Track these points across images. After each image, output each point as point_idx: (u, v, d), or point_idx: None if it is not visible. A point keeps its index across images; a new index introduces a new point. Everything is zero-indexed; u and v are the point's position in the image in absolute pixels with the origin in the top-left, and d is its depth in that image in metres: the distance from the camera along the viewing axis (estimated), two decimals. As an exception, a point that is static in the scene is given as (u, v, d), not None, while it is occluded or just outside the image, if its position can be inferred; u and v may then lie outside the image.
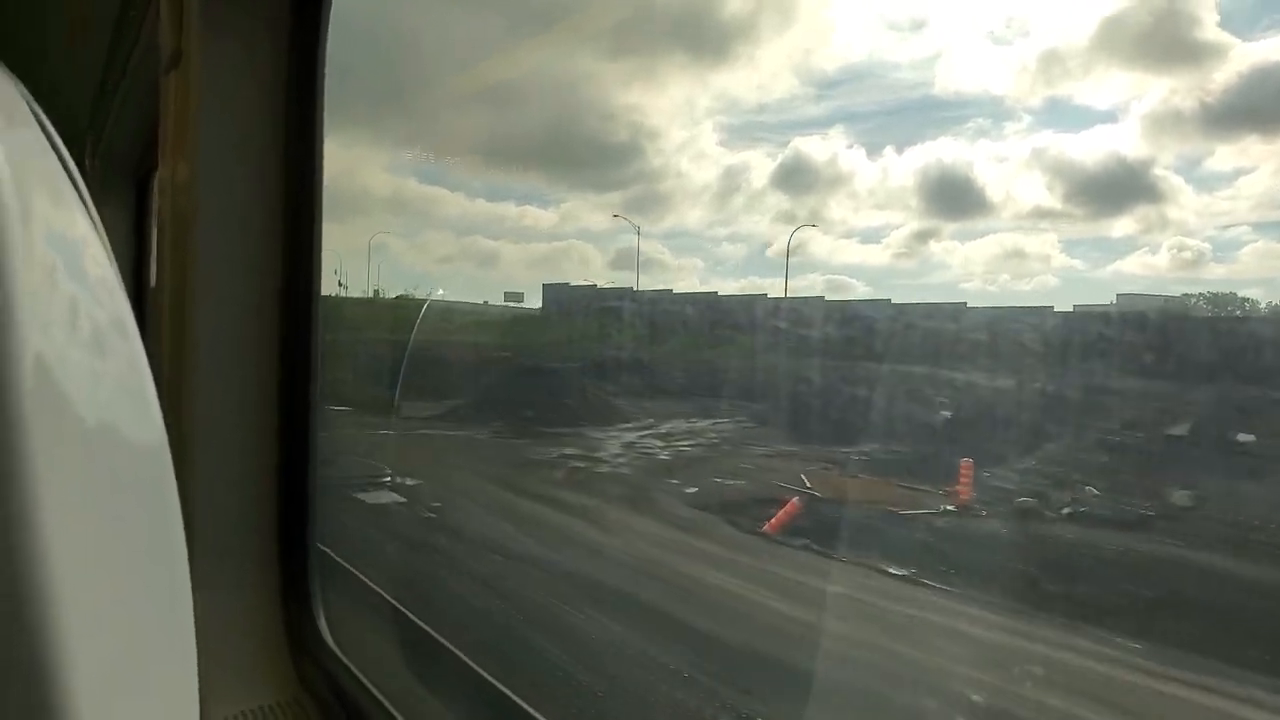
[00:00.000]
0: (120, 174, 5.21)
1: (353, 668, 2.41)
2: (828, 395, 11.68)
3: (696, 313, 15.87)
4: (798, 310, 13.67)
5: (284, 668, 2.50)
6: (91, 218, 0.64)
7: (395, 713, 2.28)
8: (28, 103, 0.62)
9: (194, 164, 2.43)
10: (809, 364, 12.62)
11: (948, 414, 9.68)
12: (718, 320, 15.28)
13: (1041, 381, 8.92)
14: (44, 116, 0.63)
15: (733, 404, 13.86)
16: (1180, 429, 7.88)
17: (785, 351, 13.51)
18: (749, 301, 15.27)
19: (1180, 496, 7.32)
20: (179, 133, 2.52)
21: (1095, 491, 7.81)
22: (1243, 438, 7.33)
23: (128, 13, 3.40)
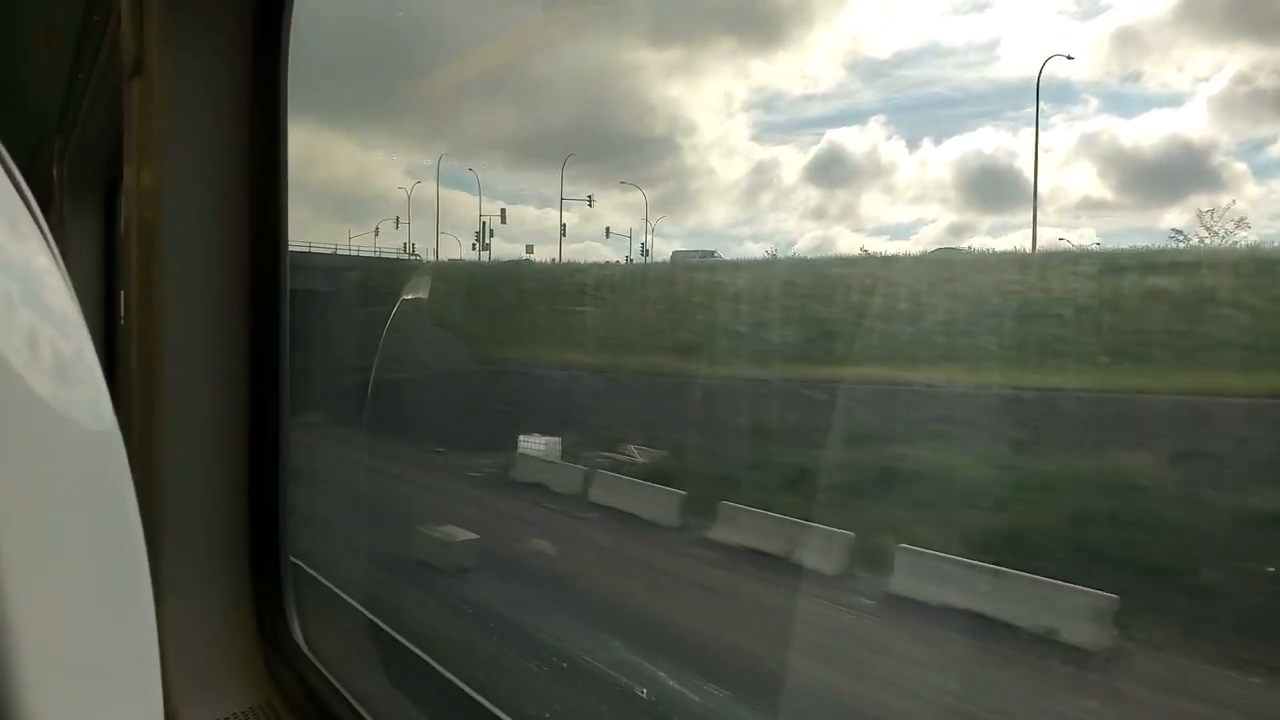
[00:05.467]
0: (90, 178, 5.16)
1: (325, 671, 2.42)
2: None
3: None
4: None
5: (257, 672, 2.50)
6: (51, 251, 0.64)
7: (366, 716, 2.28)
8: None
9: (158, 170, 2.42)
10: None
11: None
12: None
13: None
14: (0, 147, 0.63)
15: None
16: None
17: None
18: None
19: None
20: (143, 138, 2.51)
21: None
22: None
23: (91, 17, 3.38)
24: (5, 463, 0.48)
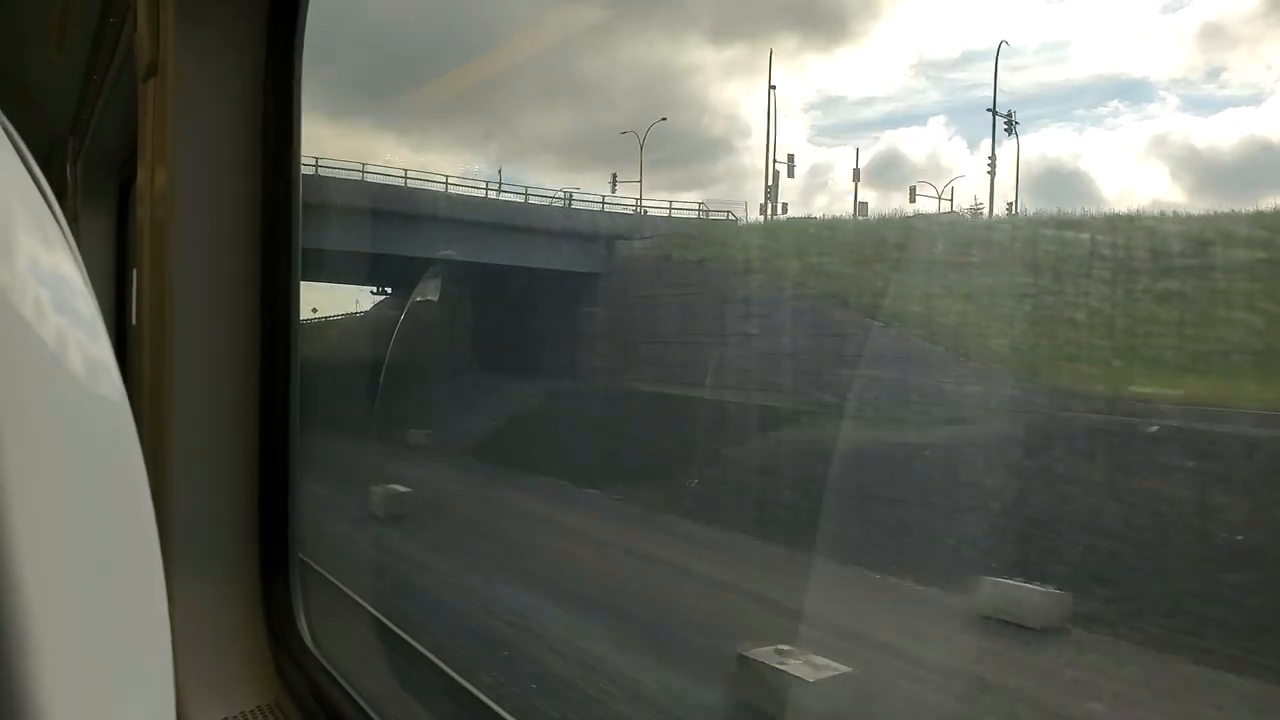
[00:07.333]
0: (104, 178, 5.20)
1: (334, 671, 2.43)
2: None
3: None
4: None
5: (265, 671, 2.51)
6: (75, 257, 0.64)
7: (375, 716, 2.29)
8: (9, 136, 0.61)
9: (171, 171, 2.44)
10: None
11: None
12: None
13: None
14: (26, 152, 0.63)
15: None
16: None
17: None
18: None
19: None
20: (157, 140, 2.53)
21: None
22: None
23: (107, 19, 3.41)
24: (31, 461, 0.49)
